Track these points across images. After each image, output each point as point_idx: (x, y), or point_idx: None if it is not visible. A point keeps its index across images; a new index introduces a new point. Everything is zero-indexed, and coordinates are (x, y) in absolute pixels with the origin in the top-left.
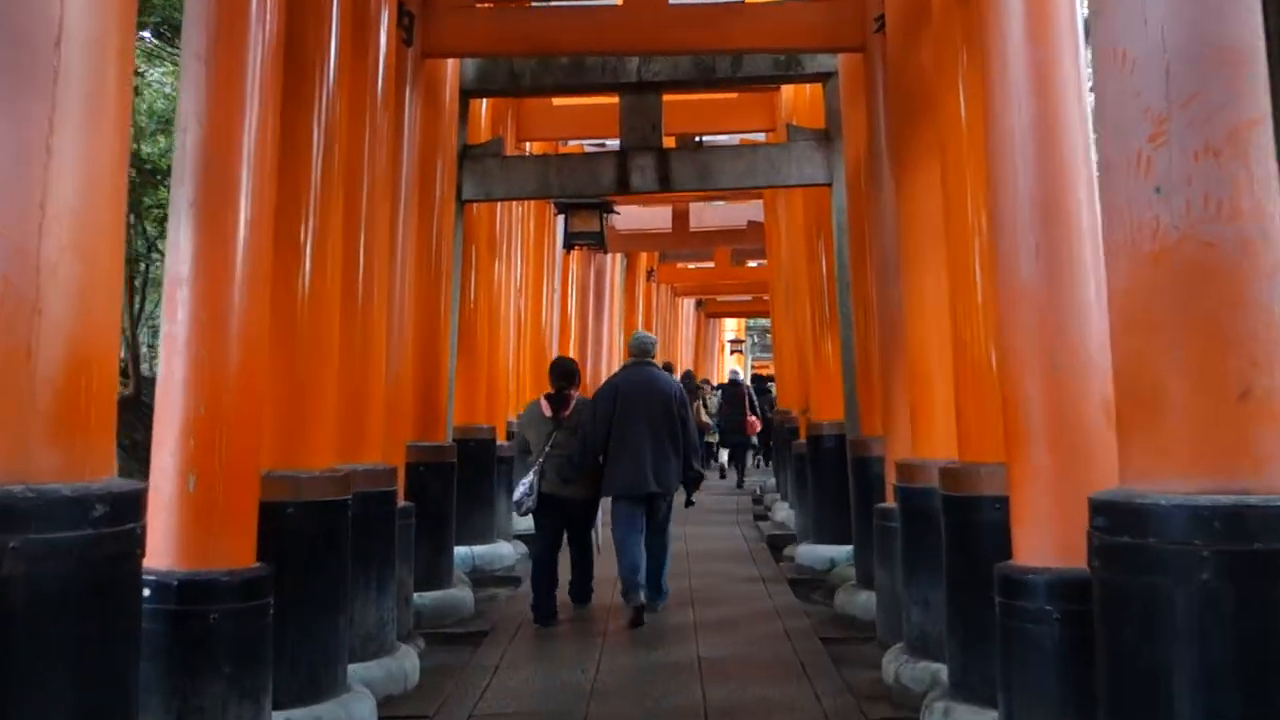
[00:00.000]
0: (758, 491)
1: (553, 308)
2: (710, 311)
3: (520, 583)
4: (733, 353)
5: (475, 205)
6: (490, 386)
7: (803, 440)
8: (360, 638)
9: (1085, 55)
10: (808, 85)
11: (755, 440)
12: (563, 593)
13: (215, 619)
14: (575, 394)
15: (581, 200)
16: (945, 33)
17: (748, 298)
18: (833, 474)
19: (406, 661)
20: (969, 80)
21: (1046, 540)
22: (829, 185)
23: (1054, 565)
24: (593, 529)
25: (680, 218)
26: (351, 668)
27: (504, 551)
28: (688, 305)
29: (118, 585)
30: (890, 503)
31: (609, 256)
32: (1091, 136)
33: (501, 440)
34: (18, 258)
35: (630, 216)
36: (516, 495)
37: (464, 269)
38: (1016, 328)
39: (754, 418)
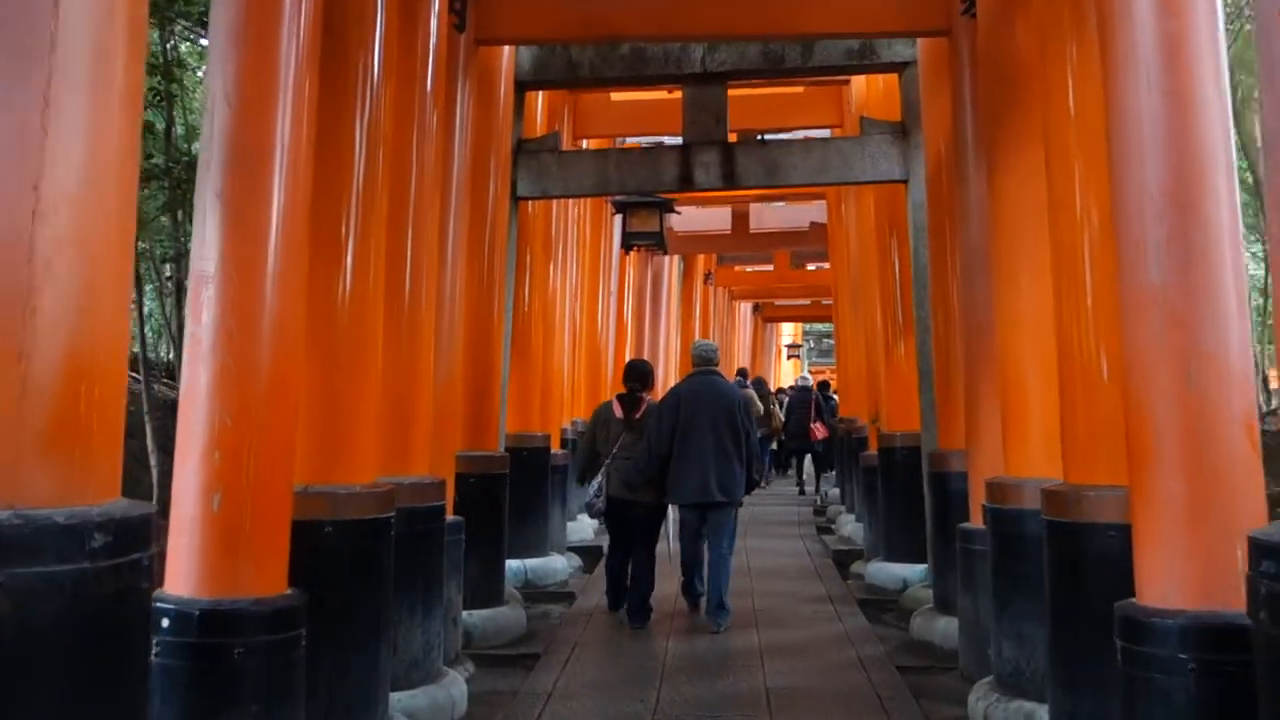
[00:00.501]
0: (818, 501)
1: (608, 311)
2: (768, 316)
3: (574, 598)
4: (789, 358)
5: (530, 203)
6: (545, 393)
7: (872, 451)
8: (404, 664)
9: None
10: (881, 77)
11: (820, 447)
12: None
13: (240, 654)
14: (647, 396)
15: (640, 199)
16: (1050, 10)
17: (806, 302)
18: (906, 488)
19: (454, 689)
20: (1079, 61)
21: (1180, 578)
22: (904, 182)
23: (1189, 608)
24: (660, 539)
25: (740, 219)
26: (394, 696)
27: (557, 565)
28: (744, 309)
29: (121, 624)
30: (975, 523)
31: (666, 259)
32: (1231, 118)
33: (555, 449)
34: (7, 248)
35: (689, 218)
36: (588, 498)
37: (518, 270)
38: (1141, 335)
39: (818, 424)
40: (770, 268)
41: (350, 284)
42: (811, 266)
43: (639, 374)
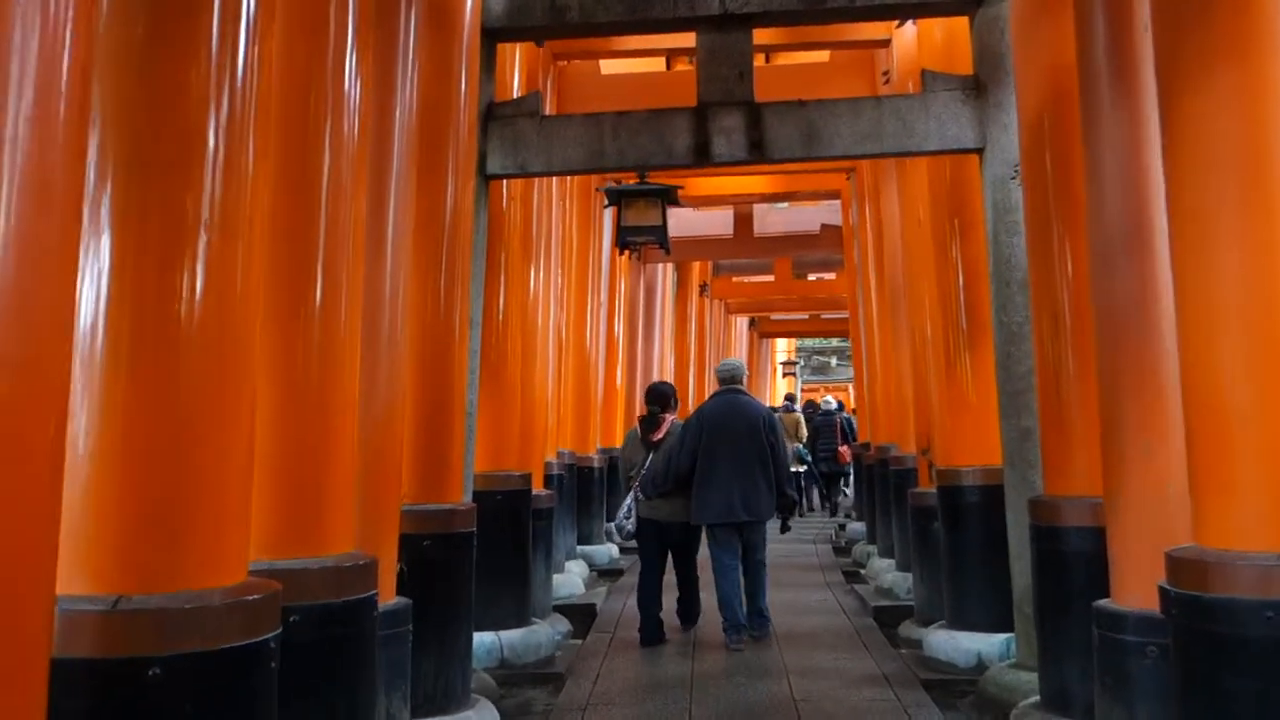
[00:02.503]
0: (836, 537)
1: (598, 325)
2: (764, 331)
3: (563, 681)
4: (785, 375)
5: (506, 186)
6: (526, 422)
7: (925, 488)
8: None
9: None
10: (940, 28)
11: (849, 469)
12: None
13: None
14: (669, 417)
15: (638, 188)
16: None
17: (804, 316)
18: (979, 539)
19: None
20: None
21: None
22: (978, 151)
23: None
24: (695, 556)
25: (743, 221)
26: None
27: (540, 638)
28: (740, 324)
29: None
30: (1122, 602)
31: (660, 268)
32: None
33: (537, 488)
34: None
35: (685, 221)
36: (616, 520)
37: (490, 272)
38: None
39: (844, 448)
40: (770, 278)
41: (202, 285)
42: (813, 276)
43: (660, 395)
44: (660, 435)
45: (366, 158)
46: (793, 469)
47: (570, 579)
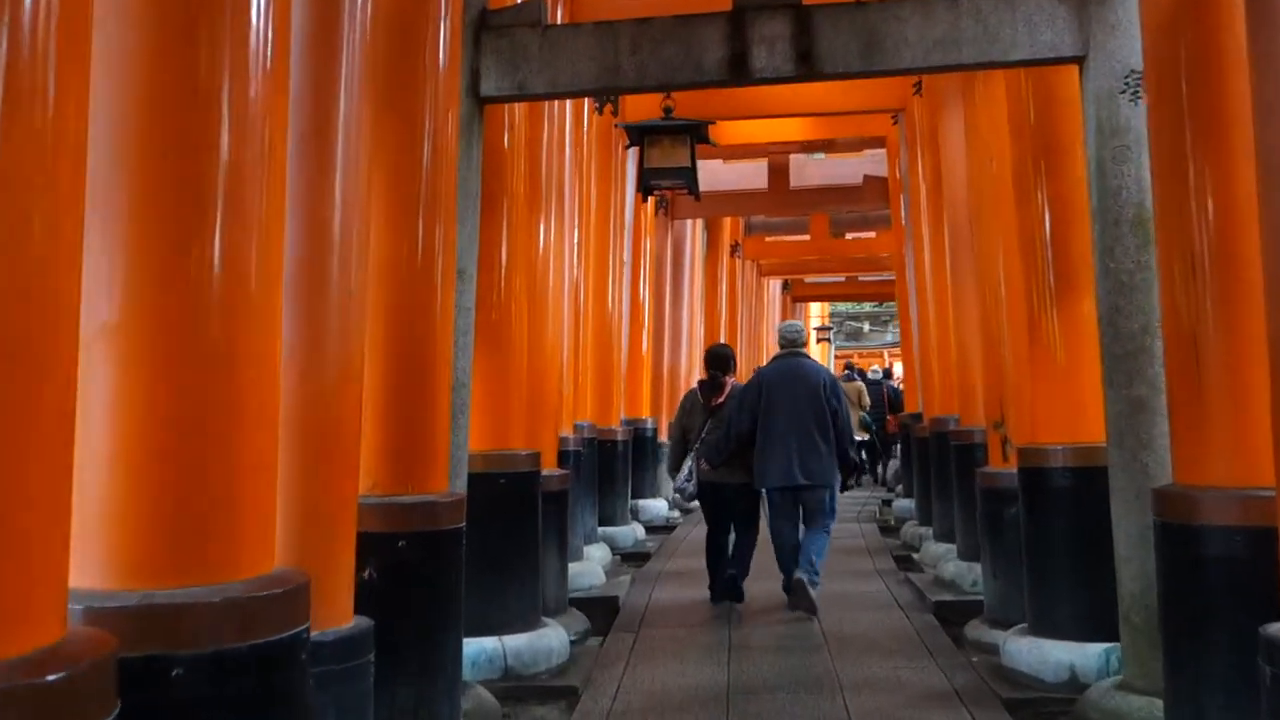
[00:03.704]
0: (881, 513)
1: (620, 284)
2: (797, 294)
3: (578, 695)
4: (819, 341)
5: (508, 117)
6: (535, 393)
7: (994, 468)
8: None
9: None
10: None
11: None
12: None
13: None
14: (730, 380)
15: (664, 124)
16: None
17: (840, 278)
18: (1071, 530)
19: None
20: None
21: None
22: (1079, 60)
23: None
24: (758, 521)
25: (778, 173)
26: None
27: (551, 642)
28: (774, 287)
29: None
30: None
31: (689, 226)
32: None
33: (549, 468)
34: None
35: (715, 175)
36: (678, 483)
37: (489, 219)
38: None
39: (892, 418)
40: (806, 237)
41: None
42: (851, 236)
43: (720, 358)
44: (721, 399)
45: (288, 57)
46: (857, 438)
47: (589, 567)
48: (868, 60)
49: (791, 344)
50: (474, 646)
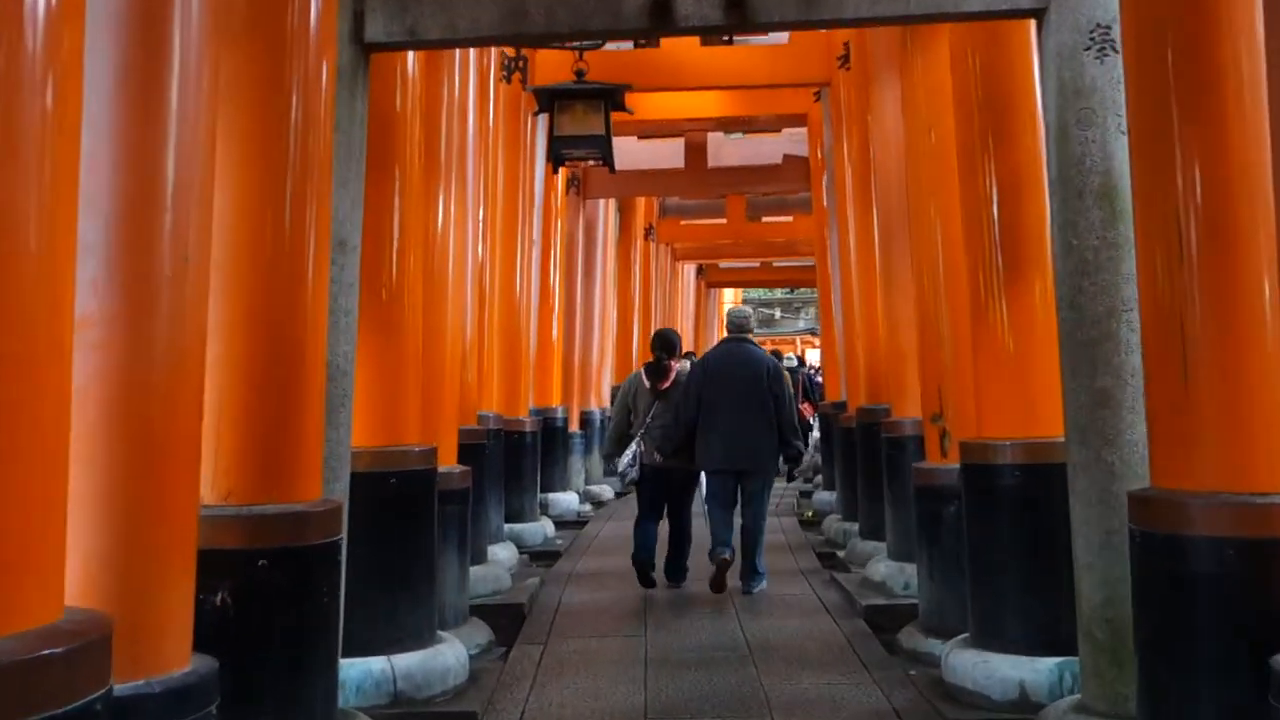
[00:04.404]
0: (799, 507)
1: (529, 266)
2: (711, 280)
3: None
4: None
5: (401, 74)
6: (431, 382)
7: (932, 464)
8: None
9: None
10: None
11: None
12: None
13: None
14: (676, 365)
15: (576, 86)
16: None
17: (755, 264)
18: (1021, 533)
19: None
20: None
21: None
22: (1036, 12)
23: None
24: (691, 506)
25: (695, 152)
26: None
27: (448, 660)
28: (688, 272)
29: None
30: None
31: (602, 206)
32: None
33: (448, 464)
34: None
35: (630, 153)
36: (621, 467)
37: (379, 186)
38: None
39: (806, 404)
40: (722, 220)
41: None
42: (768, 220)
43: (666, 342)
44: (667, 384)
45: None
46: None
47: (494, 570)
48: (807, 9)
49: (739, 329)
50: (359, 668)
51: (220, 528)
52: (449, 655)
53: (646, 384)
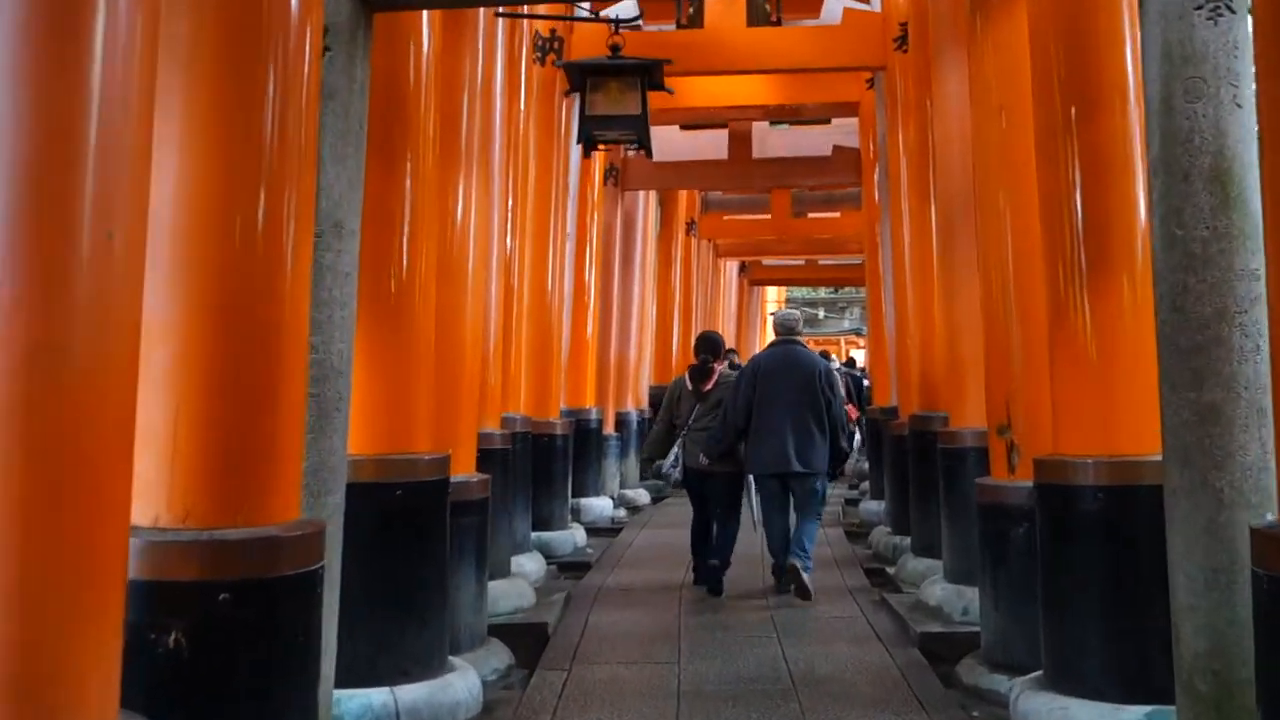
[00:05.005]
0: (844, 514)
1: (562, 260)
2: (754, 278)
3: None
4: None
5: (414, 38)
6: (447, 382)
7: (998, 480)
8: None
9: None
10: None
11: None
12: None
13: None
14: (719, 367)
15: (609, 61)
16: None
17: (799, 261)
18: (1106, 563)
19: None
20: None
21: None
22: None
23: None
24: (740, 509)
25: (739, 142)
26: None
27: (458, 693)
28: (730, 269)
29: None
30: None
31: (642, 198)
32: None
33: (465, 473)
34: None
35: (670, 143)
36: (664, 468)
37: (384, 164)
38: None
39: (852, 407)
40: (766, 216)
41: None
42: (815, 215)
43: (710, 344)
44: (710, 386)
45: None
46: None
47: (516, 586)
48: None
49: (789, 331)
50: (358, 701)
51: (174, 555)
52: (460, 686)
53: (690, 387)
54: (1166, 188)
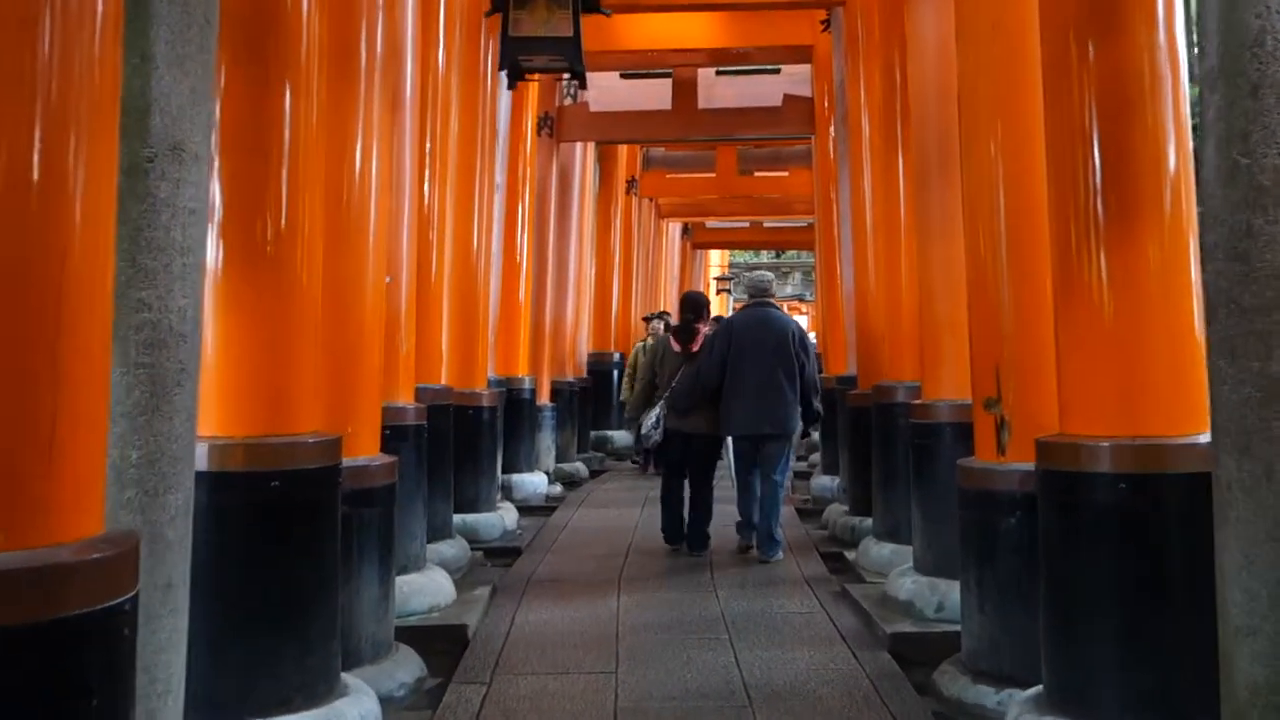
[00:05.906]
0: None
1: (489, 215)
2: (697, 241)
3: None
4: (719, 292)
5: None
6: (342, 353)
7: (987, 462)
8: None
9: None
10: None
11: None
12: None
13: None
14: (704, 328)
15: None
16: None
17: (744, 223)
18: (1128, 568)
19: None
20: None
21: None
22: None
23: None
24: (713, 475)
25: (684, 90)
26: None
27: (364, 710)
28: (673, 231)
29: None
30: None
31: (578, 151)
32: None
33: (366, 454)
34: None
35: (611, 92)
36: (644, 429)
37: (262, 87)
38: None
39: None
40: (711, 174)
41: None
42: (760, 174)
43: (695, 305)
44: (696, 347)
45: None
46: None
47: (432, 580)
48: None
49: (761, 293)
50: None
51: None
52: (352, 715)
53: (676, 347)
54: (1227, 104)
